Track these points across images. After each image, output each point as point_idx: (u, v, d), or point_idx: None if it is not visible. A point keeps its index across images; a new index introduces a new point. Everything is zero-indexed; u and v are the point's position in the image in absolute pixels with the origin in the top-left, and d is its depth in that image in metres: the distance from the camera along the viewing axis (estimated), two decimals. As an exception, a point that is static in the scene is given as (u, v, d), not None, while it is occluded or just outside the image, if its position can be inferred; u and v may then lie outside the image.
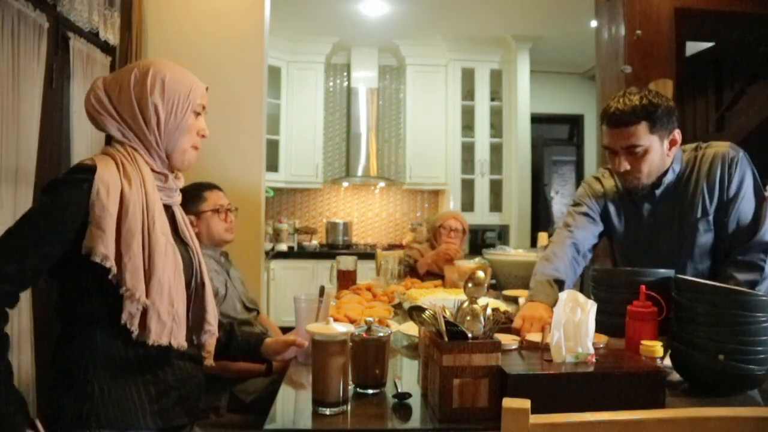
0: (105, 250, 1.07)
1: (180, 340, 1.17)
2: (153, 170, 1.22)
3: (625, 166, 1.57)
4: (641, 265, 1.66)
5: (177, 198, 1.31)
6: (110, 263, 1.07)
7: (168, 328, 1.14)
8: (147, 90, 1.19)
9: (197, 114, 1.27)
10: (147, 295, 1.11)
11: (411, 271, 2.94)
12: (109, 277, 1.08)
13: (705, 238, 1.62)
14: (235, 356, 1.52)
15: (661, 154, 1.57)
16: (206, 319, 1.31)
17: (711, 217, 1.61)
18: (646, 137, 1.53)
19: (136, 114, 1.19)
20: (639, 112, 1.51)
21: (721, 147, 1.63)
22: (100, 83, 1.21)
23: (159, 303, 1.13)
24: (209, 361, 1.34)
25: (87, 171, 1.11)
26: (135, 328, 1.10)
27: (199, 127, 1.28)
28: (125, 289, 1.09)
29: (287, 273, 4.99)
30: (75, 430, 1.10)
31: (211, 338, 1.32)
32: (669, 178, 1.63)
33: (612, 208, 1.78)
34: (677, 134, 1.59)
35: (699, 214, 1.61)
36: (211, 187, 2.08)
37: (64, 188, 1.10)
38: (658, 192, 1.65)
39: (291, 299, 1.50)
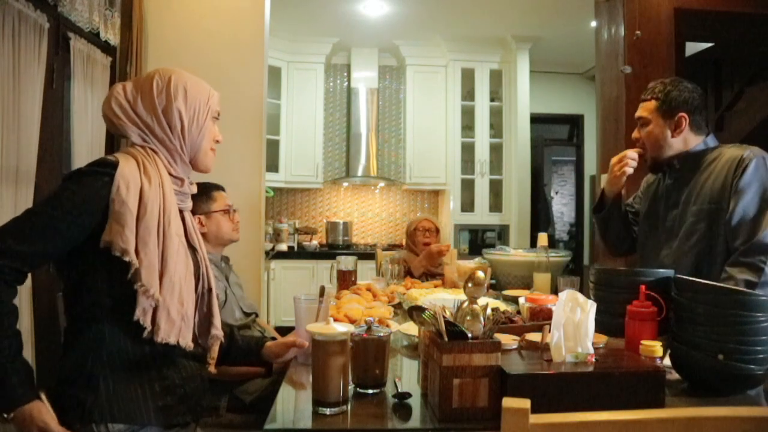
0: (124, 244, 1.09)
1: (187, 340, 1.19)
2: (170, 174, 1.24)
3: (636, 134, 1.85)
4: (644, 247, 1.88)
5: (188, 204, 1.33)
6: (129, 257, 1.09)
7: (177, 327, 1.16)
8: (171, 96, 1.23)
9: (215, 119, 1.32)
10: (159, 293, 1.13)
11: (407, 273, 2.98)
12: (130, 272, 1.10)
13: (696, 227, 1.68)
14: (236, 360, 1.52)
15: (661, 130, 1.76)
16: (213, 324, 1.32)
17: (705, 207, 1.67)
18: (652, 113, 1.78)
19: (160, 119, 1.23)
20: (655, 93, 1.79)
21: (742, 148, 1.70)
22: (120, 89, 1.24)
23: (170, 301, 1.15)
24: (212, 368, 1.35)
25: (109, 166, 1.14)
26: (147, 325, 1.12)
27: (215, 132, 1.33)
28: (140, 285, 1.10)
29: (287, 273, 4.99)
30: (80, 423, 1.11)
31: (216, 343, 1.33)
32: (674, 159, 1.78)
33: (648, 189, 1.98)
34: (683, 119, 1.73)
35: (698, 202, 1.69)
36: (217, 187, 2.11)
37: (86, 179, 1.12)
38: (667, 172, 1.82)
39: (291, 299, 1.50)
